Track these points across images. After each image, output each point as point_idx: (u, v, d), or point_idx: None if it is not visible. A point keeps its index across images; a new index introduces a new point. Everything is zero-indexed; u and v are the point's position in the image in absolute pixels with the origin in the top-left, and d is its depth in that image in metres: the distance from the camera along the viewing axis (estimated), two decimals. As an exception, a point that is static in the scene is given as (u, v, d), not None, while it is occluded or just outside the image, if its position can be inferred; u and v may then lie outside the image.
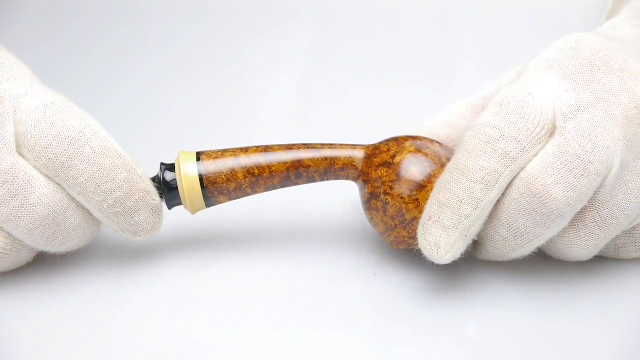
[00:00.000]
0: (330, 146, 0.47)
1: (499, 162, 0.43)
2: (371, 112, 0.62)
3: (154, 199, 0.46)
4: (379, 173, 0.46)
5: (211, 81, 0.66)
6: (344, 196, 0.52)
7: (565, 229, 0.44)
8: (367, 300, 0.46)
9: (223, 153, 0.47)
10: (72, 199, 0.45)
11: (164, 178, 0.46)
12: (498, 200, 0.43)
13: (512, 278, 0.47)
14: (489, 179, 0.43)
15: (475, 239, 0.45)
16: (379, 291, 0.47)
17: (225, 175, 0.46)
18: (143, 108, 0.63)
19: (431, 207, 0.43)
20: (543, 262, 0.47)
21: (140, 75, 0.66)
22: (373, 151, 0.47)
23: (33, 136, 0.44)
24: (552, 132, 0.44)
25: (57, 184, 0.44)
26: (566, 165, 0.42)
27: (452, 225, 0.43)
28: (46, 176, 0.44)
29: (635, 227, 0.46)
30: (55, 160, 0.44)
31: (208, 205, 0.47)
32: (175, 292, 0.47)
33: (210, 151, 0.47)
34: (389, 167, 0.45)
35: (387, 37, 0.70)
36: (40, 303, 0.46)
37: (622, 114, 0.44)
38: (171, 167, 0.47)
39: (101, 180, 0.44)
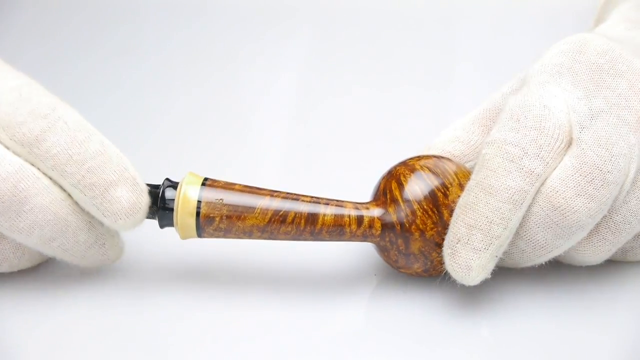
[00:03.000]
0: (339, 218, 0.44)
1: (525, 180, 0.42)
2: (372, 116, 0.62)
3: (132, 175, 0.44)
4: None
5: (206, 88, 0.65)
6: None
7: None
8: (375, 311, 0.46)
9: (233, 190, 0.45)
10: (40, 178, 0.44)
11: (163, 194, 0.45)
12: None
13: (523, 282, 0.47)
14: (517, 197, 0.42)
15: None
16: (387, 302, 0.46)
17: (222, 234, 0.45)
18: (137, 113, 0.62)
19: (459, 229, 0.43)
20: (554, 267, 0.47)
21: (135, 79, 0.66)
22: (385, 244, 0.45)
23: (8, 114, 0.44)
24: (569, 143, 0.44)
25: (32, 163, 0.44)
26: (586, 177, 0.42)
27: (483, 247, 0.42)
28: (19, 155, 0.44)
29: None
30: (29, 135, 0.43)
31: (200, 235, 0.45)
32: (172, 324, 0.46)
33: (219, 183, 0.45)
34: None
35: (387, 41, 0.69)
36: (37, 324, 0.45)
37: (635, 119, 0.44)
38: (175, 185, 0.45)
39: (74, 150, 0.43)
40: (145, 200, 0.44)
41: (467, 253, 0.42)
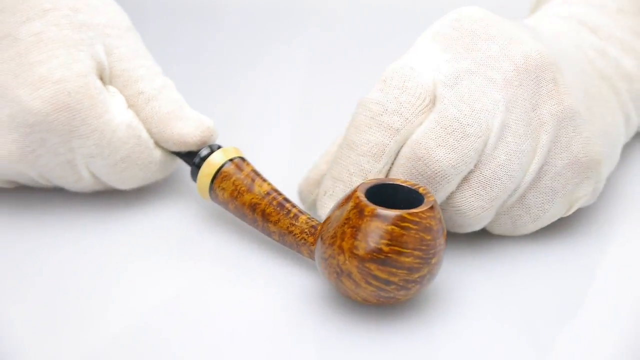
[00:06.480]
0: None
1: (384, 134, 0.45)
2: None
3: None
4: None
5: (211, 89, 0.67)
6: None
7: (452, 192, 0.46)
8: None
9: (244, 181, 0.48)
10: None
11: (200, 152, 0.50)
12: (389, 170, 0.46)
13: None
14: (375, 151, 0.45)
15: None
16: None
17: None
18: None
19: (326, 182, 0.46)
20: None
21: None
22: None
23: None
24: (434, 102, 0.46)
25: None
26: (446, 129, 0.45)
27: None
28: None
29: (524, 196, 0.47)
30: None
31: (212, 198, 0.49)
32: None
33: (244, 166, 0.49)
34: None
35: (384, 48, 0.71)
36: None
37: (502, 77, 0.46)
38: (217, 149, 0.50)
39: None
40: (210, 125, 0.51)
41: (332, 204, 0.46)
